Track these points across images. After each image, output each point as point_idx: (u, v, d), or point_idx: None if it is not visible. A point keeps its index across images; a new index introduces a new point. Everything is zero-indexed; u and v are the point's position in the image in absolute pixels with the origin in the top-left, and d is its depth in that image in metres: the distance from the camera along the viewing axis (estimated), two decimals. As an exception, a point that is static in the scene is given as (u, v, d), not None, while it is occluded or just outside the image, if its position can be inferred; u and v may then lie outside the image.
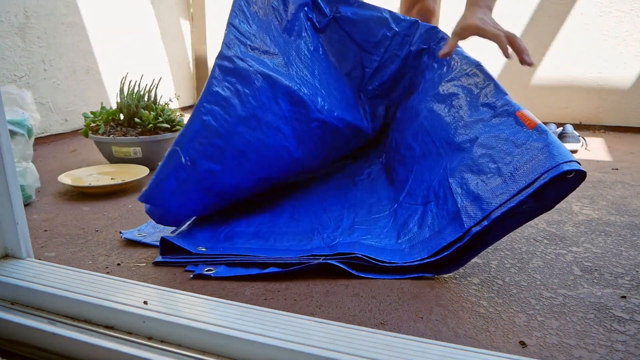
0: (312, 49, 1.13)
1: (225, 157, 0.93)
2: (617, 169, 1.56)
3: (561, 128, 1.92)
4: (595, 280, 0.82)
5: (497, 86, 0.94)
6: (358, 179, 1.19)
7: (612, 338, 0.65)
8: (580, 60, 2.27)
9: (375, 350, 0.54)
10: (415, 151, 1.05)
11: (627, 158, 1.71)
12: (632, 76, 2.21)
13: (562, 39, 2.27)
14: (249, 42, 0.97)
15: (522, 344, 0.64)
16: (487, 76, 0.97)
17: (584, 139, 1.89)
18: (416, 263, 0.83)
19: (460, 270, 0.85)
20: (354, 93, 1.21)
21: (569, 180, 0.71)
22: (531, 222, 1.08)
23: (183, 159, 0.89)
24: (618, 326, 0.68)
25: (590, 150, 1.85)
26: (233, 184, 0.96)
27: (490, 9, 0.98)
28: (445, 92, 1.04)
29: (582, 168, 0.70)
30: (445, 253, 0.81)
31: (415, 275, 0.83)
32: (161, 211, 0.94)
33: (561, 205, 1.21)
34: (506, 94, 0.92)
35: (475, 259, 0.90)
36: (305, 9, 1.15)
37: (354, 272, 0.83)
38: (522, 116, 0.83)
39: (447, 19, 1.97)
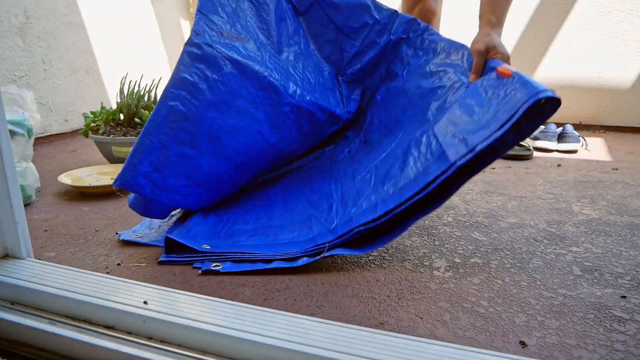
0: (291, 32, 1.15)
1: (198, 141, 0.95)
2: (617, 169, 1.56)
3: (561, 128, 1.92)
4: (595, 280, 0.82)
5: None
6: (339, 157, 1.22)
7: (612, 338, 0.65)
8: (580, 60, 2.27)
9: (375, 350, 0.54)
10: (404, 125, 1.07)
11: (627, 158, 1.71)
12: (632, 76, 2.21)
13: (562, 39, 2.27)
14: (218, 29, 0.99)
15: (522, 344, 0.64)
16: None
17: (584, 139, 1.89)
18: (407, 204, 0.83)
19: (460, 270, 0.85)
20: (332, 76, 1.23)
21: (544, 109, 0.75)
22: (531, 222, 1.08)
23: (153, 143, 0.92)
24: (618, 326, 0.68)
25: (590, 150, 1.85)
26: (211, 171, 0.98)
27: (502, 27, 1.02)
28: (434, 69, 1.06)
29: (556, 95, 0.72)
30: (431, 187, 0.81)
31: (409, 223, 0.85)
32: (143, 202, 0.96)
33: (561, 205, 1.21)
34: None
35: (475, 259, 0.90)
36: None
37: (357, 252, 0.85)
38: (501, 72, 0.87)
39: (448, 20, 1.97)
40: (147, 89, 1.55)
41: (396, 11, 1.19)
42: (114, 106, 1.78)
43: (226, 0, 1.04)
